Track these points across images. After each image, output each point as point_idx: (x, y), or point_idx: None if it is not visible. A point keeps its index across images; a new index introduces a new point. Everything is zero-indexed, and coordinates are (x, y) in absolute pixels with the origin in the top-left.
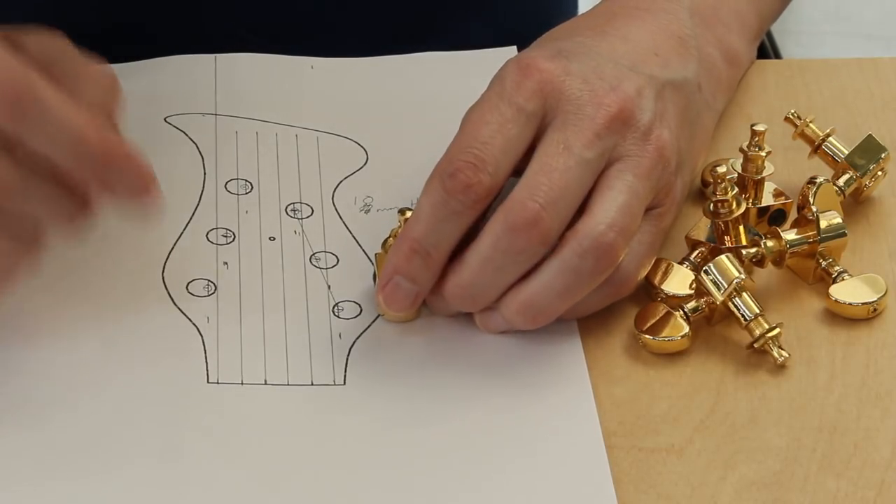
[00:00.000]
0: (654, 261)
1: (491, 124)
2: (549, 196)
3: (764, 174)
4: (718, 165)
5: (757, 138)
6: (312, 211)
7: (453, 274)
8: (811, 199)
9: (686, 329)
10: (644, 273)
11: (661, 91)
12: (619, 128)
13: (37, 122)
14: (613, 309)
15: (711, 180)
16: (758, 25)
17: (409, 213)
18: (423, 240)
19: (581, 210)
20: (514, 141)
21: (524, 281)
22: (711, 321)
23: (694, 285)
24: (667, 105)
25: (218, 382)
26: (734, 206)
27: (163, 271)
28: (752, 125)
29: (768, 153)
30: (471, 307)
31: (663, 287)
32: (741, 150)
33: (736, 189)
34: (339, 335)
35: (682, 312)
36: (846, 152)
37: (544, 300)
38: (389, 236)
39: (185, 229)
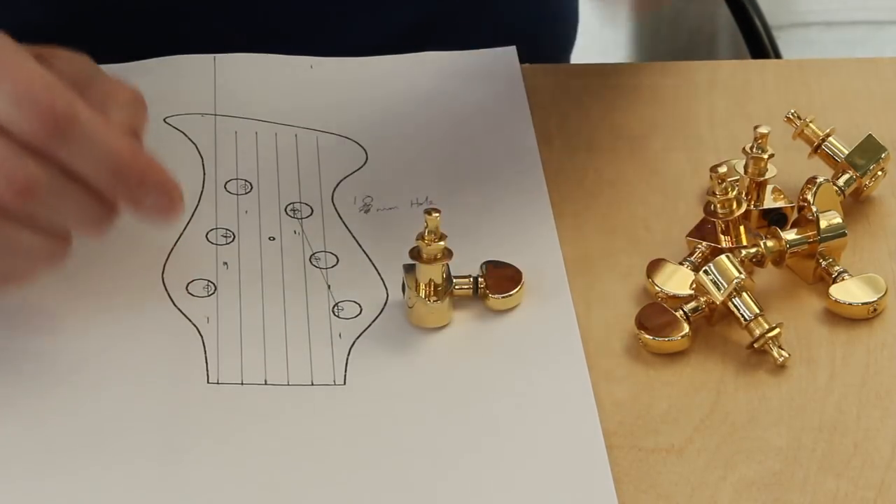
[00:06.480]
0: None
1: None
2: None
3: (766, 176)
4: (719, 166)
5: (760, 140)
6: (312, 211)
7: None
8: (811, 199)
9: (686, 329)
10: None
11: None
12: None
13: (75, 142)
14: (613, 309)
15: (712, 180)
16: None
17: (435, 214)
18: None
19: None
20: None
21: None
22: (711, 321)
23: (694, 285)
24: None
25: (218, 383)
26: (734, 206)
27: (162, 272)
28: (756, 127)
29: (771, 156)
30: None
31: (663, 287)
32: (744, 151)
33: (736, 189)
34: (339, 335)
35: (682, 312)
36: (846, 152)
37: None
38: (419, 238)
39: (184, 230)
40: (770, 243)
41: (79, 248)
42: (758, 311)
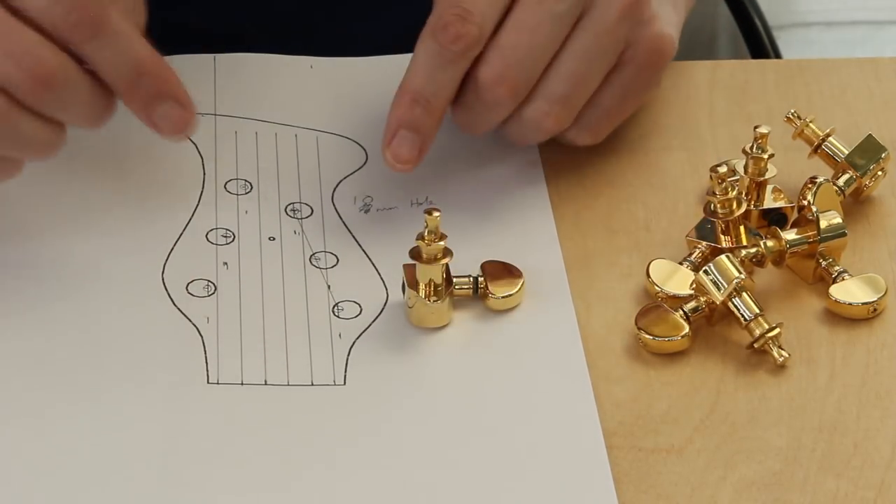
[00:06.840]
0: None
1: None
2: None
3: (766, 176)
4: (719, 166)
5: (760, 140)
6: (312, 211)
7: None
8: (811, 199)
9: (686, 329)
10: None
11: None
12: None
13: (103, 40)
14: (613, 309)
15: (712, 180)
16: None
17: (435, 213)
18: (422, 90)
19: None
20: None
21: None
22: (711, 321)
23: (694, 285)
24: None
25: (218, 383)
26: (734, 206)
27: (163, 272)
28: (756, 127)
29: (771, 156)
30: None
31: (663, 287)
32: (744, 151)
33: (736, 189)
34: (339, 335)
35: (682, 312)
36: (846, 152)
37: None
38: (419, 238)
39: (184, 230)
40: (770, 243)
41: (78, 247)
42: (758, 311)
